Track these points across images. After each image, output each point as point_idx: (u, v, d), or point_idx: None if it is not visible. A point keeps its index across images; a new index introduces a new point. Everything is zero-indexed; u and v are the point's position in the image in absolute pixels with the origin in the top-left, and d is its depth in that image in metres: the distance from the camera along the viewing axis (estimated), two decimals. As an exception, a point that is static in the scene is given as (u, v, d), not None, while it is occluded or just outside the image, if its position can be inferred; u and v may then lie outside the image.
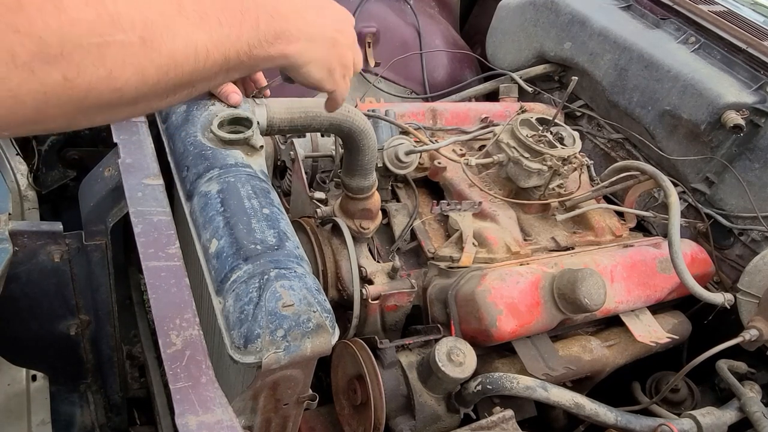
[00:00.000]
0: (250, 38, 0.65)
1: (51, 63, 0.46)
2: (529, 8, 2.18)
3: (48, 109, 0.49)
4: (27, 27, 0.44)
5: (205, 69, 0.60)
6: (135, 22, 0.51)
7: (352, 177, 1.33)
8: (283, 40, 0.70)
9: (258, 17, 0.66)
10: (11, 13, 0.44)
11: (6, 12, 0.43)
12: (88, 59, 0.49)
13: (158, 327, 0.83)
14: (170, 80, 0.56)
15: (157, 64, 0.54)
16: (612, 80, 1.94)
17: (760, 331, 1.43)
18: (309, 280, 0.91)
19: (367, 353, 1.27)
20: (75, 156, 1.73)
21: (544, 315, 1.34)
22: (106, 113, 0.55)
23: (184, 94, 0.62)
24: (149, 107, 0.59)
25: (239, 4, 0.63)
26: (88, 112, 0.53)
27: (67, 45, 0.47)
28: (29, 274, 1.25)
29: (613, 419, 1.32)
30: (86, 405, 1.60)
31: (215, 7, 0.60)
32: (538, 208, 1.64)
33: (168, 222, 0.99)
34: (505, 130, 1.61)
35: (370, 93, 2.31)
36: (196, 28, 0.58)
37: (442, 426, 1.30)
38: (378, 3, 2.38)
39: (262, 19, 0.66)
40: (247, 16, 0.64)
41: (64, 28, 0.46)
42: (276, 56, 0.70)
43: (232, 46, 0.62)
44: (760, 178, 1.68)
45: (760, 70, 1.75)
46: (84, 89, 0.49)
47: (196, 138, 1.08)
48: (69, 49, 0.47)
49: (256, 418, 0.98)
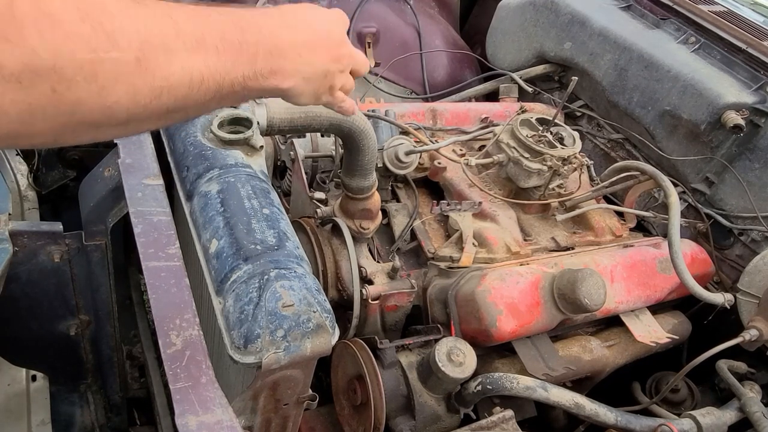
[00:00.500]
0: (246, 71, 0.64)
1: (41, 75, 0.46)
2: (529, 8, 2.18)
3: (34, 122, 0.48)
4: (18, 38, 0.44)
5: (199, 95, 0.59)
6: (132, 41, 0.51)
7: (352, 177, 1.33)
8: (279, 76, 0.69)
9: (257, 52, 0.65)
10: (3, 23, 0.43)
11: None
12: (80, 74, 0.48)
13: (158, 327, 0.83)
14: (162, 104, 0.56)
15: (150, 86, 0.54)
16: (612, 80, 1.94)
17: (760, 332, 1.43)
18: (309, 280, 0.91)
19: (367, 353, 1.27)
20: (75, 156, 1.73)
21: (544, 315, 1.34)
22: (94, 131, 0.54)
23: (176, 118, 0.61)
24: (139, 128, 0.59)
25: (239, 34, 0.63)
26: (75, 129, 0.52)
27: (60, 59, 0.46)
28: (29, 274, 1.25)
29: (613, 419, 1.32)
30: (86, 405, 1.60)
31: (214, 34, 0.60)
32: (538, 208, 1.64)
33: (168, 222, 0.99)
34: (505, 130, 1.61)
35: (370, 93, 2.31)
36: (193, 54, 0.57)
37: (442, 426, 1.30)
38: (378, 3, 2.38)
39: (261, 54, 0.66)
40: (245, 49, 0.63)
41: (59, 42, 0.46)
42: (269, 89, 0.70)
43: (227, 75, 0.62)
44: (760, 178, 1.68)
45: (759, 70, 1.75)
46: (72, 103, 0.49)
47: (196, 138, 1.08)
48: (62, 63, 0.46)
49: (256, 418, 0.98)
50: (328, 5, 2.28)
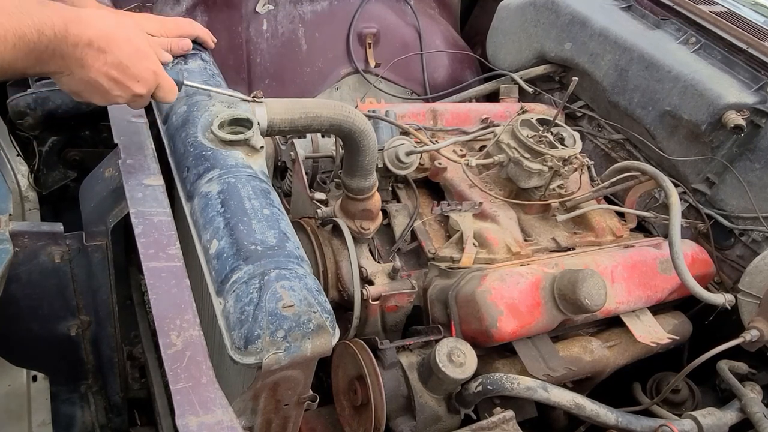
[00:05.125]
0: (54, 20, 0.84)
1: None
2: (530, 9, 2.18)
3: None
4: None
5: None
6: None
7: (352, 178, 1.33)
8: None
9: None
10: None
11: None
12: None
13: (159, 328, 0.83)
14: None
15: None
16: (612, 81, 1.94)
17: (760, 332, 1.43)
18: (309, 280, 0.91)
19: (367, 354, 1.27)
20: (76, 157, 1.73)
21: (544, 315, 1.34)
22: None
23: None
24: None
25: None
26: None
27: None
28: (30, 275, 1.25)
29: (614, 420, 1.32)
30: (87, 406, 1.60)
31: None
32: (538, 208, 1.64)
33: (168, 223, 0.99)
34: (505, 130, 1.61)
35: (371, 93, 2.32)
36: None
37: (443, 426, 1.30)
38: (378, 4, 2.38)
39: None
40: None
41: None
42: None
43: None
44: (760, 179, 1.68)
45: (760, 70, 1.75)
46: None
47: (197, 139, 1.08)
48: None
49: (256, 418, 0.98)
50: (329, 5, 2.28)
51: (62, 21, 0.85)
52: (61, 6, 0.87)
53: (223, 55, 2.09)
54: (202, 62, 1.34)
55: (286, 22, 2.23)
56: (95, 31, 0.89)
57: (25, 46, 0.81)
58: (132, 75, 0.95)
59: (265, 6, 2.17)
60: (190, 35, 1.35)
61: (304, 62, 2.26)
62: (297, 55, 2.25)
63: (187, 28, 1.35)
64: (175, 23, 1.34)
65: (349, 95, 2.35)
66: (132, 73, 0.95)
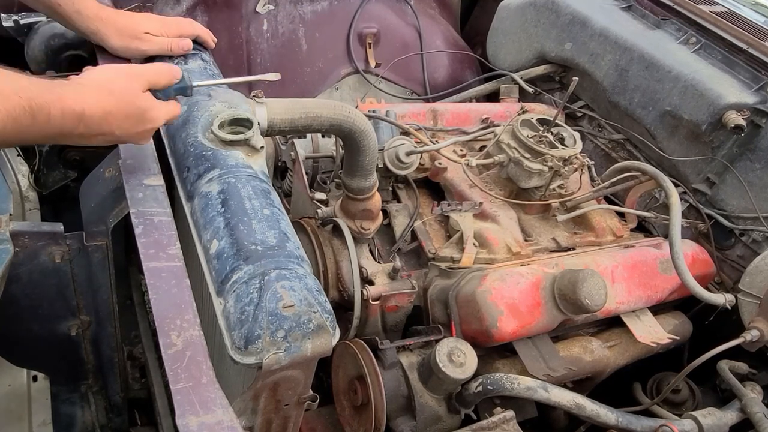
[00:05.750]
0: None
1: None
2: (530, 9, 2.18)
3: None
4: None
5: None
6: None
7: (352, 178, 1.33)
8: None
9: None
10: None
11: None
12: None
13: (159, 327, 0.83)
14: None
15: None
16: (613, 81, 1.94)
17: (761, 332, 1.43)
18: (309, 280, 0.91)
19: (367, 354, 1.27)
20: (76, 157, 1.73)
21: (544, 315, 1.34)
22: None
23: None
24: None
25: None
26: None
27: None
28: (30, 275, 1.25)
29: (614, 420, 1.32)
30: (87, 406, 1.60)
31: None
32: (538, 208, 1.64)
33: (169, 223, 0.99)
34: (505, 130, 1.61)
35: (371, 93, 2.32)
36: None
37: (443, 427, 1.30)
38: (379, 4, 2.38)
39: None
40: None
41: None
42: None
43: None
44: (761, 179, 1.68)
45: (760, 70, 1.75)
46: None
47: (197, 139, 1.08)
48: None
49: (256, 418, 0.98)
50: (329, 6, 2.28)
51: (59, 108, 0.86)
52: (57, 86, 0.88)
53: (223, 55, 2.09)
54: (203, 62, 1.34)
55: (286, 22, 2.23)
56: (90, 112, 0.91)
57: (17, 128, 0.82)
58: (131, 138, 1.01)
59: (266, 6, 2.17)
60: (191, 35, 1.35)
61: (305, 62, 2.27)
62: (297, 55, 2.26)
63: (187, 27, 1.35)
64: (176, 23, 1.35)
65: (350, 95, 2.35)
66: (131, 138, 1.01)
